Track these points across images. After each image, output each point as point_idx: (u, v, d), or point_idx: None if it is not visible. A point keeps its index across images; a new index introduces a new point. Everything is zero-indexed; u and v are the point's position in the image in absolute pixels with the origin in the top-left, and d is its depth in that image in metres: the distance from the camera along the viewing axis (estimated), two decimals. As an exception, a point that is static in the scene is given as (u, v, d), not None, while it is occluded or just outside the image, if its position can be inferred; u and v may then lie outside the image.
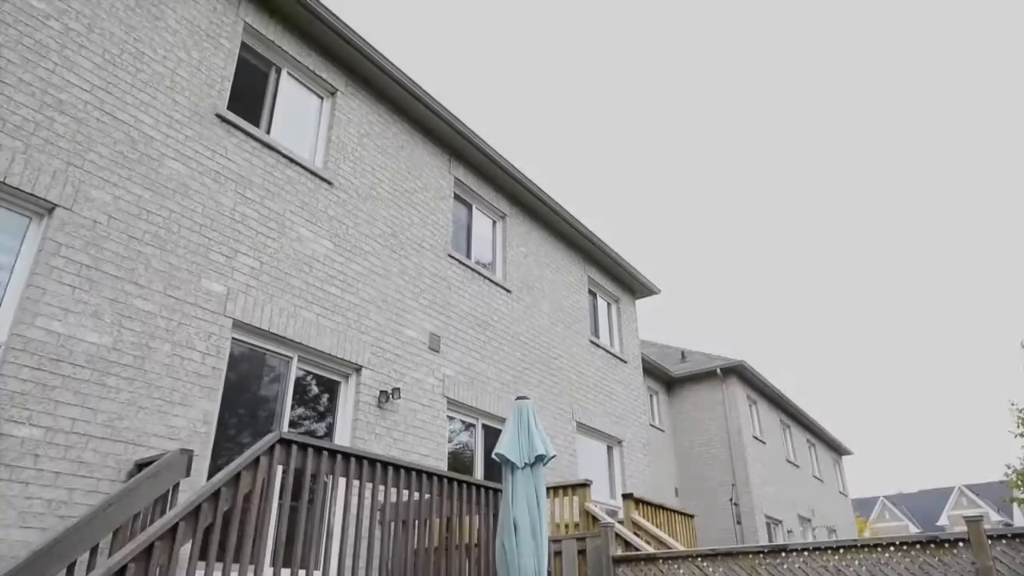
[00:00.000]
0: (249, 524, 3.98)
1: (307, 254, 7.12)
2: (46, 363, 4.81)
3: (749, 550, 4.94)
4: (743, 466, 19.35)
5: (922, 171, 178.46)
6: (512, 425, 5.00)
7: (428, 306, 8.56)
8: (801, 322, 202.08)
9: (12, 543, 4.34)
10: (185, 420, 5.54)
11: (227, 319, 6.11)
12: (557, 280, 11.75)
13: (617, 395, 12.50)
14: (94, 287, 5.22)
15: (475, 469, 8.77)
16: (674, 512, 9.89)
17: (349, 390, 7.28)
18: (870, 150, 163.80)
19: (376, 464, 4.78)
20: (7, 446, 4.48)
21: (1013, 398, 32.02)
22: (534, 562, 4.61)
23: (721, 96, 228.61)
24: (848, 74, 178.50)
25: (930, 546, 4.29)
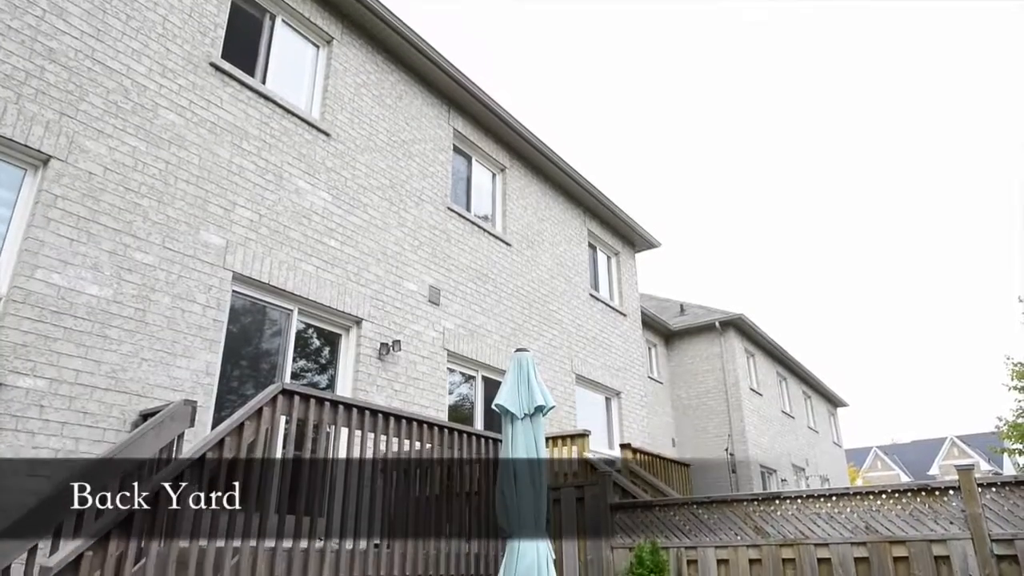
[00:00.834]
0: (254, 472, 4.05)
1: (305, 206, 7.07)
2: (47, 315, 4.82)
3: (743, 498, 5.04)
4: (739, 418, 19.63)
5: (923, 126, 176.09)
6: (512, 377, 5.05)
7: (428, 259, 8.54)
8: (800, 276, 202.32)
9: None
10: (188, 372, 5.59)
11: (227, 272, 6.10)
12: (557, 233, 11.71)
13: (616, 348, 12.59)
14: (92, 239, 5.20)
15: (475, 420, 8.89)
16: (670, 461, 10.08)
17: (350, 342, 7.33)
18: (870, 108, 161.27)
19: (377, 414, 4.84)
20: (12, 397, 4.53)
21: (1009, 352, 32.29)
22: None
23: (723, 48, 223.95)
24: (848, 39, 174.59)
25: (921, 494, 4.38)
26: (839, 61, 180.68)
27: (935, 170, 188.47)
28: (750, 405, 20.30)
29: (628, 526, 5.48)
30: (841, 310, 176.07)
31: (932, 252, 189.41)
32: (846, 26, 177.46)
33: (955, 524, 4.18)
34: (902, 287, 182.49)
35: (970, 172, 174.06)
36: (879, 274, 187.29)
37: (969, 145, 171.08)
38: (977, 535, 4.07)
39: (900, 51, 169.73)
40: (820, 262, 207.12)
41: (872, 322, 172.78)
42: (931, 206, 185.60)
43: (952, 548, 4.13)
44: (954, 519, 4.21)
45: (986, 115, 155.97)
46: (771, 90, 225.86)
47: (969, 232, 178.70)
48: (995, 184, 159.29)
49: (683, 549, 5.13)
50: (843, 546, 4.48)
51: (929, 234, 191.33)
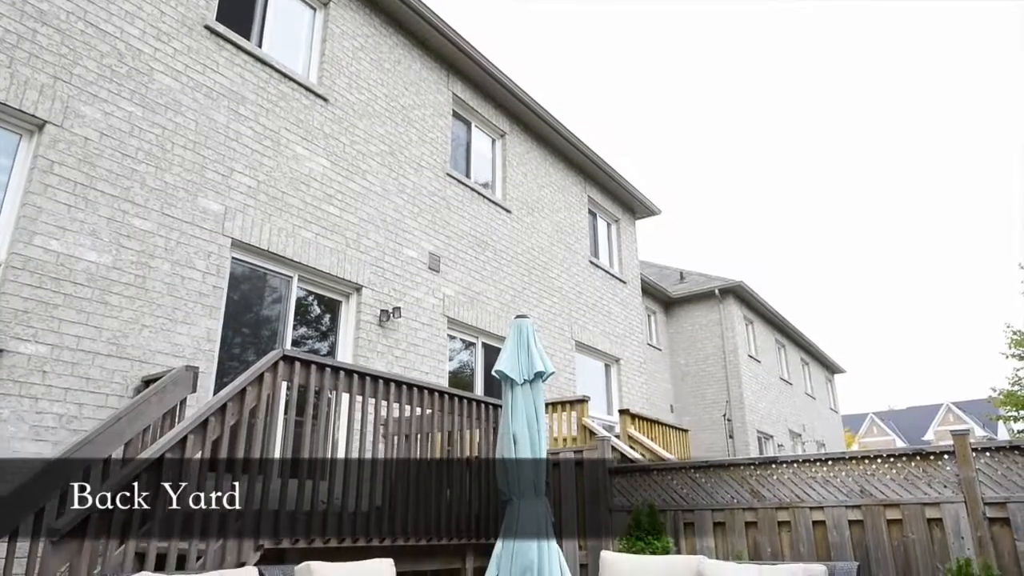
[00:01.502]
0: (256, 437, 4.10)
1: (304, 173, 7.02)
2: (47, 281, 4.82)
3: (740, 462, 5.11)
4: (737, 384, 19.77)
5: (923, 94, 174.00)
6: (512, 343, 5.07)
7: (427, 226, 8.52)
8: (799, 243, 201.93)
9: (26, 455, 4.48)
10: (189, 338, 5.61)
11: (226, 238, 6.09)
12: (557, 200, 11.65)
13: (616, 315, 12.63)
14: (90, 205, 5.17)
15: (475, 386, 8.96)
16: (669, 427, 10.18)
17: (350, 309, 7.34)
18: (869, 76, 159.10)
19: (378, 380, 4.87)
20: (15, 363, 4.56)
21: (1009, 320, 32.39)
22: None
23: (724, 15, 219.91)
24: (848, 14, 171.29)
25: (916, 458, 4.43)
26: (838, 33, 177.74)
27: (935, 136, 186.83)
28: (748, 372, 20.44)
29: (626, 490, 5.55)
30: (840, 277, 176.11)
31: (931, 218, 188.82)
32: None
33: (948, 488, 4.24)
34: (901, 254, 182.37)
35: (970, 138, 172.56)
36: (878, 241, 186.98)
37: (970, 111, 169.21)
38: (970, 498, 4.13)
39: (898, 23, 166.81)
40: (820, 229, 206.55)
41: (871, 289, 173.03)
42: (931, 172, 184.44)
43: (945, 511, 4.19)
44: (948, 483, 4.26)
45: (986, 83, 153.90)
46: (771, 57, 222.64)
47: (969, 198, 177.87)
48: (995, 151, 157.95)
49: (680, 512, 5.21)
50: (838, 509, 4.55)
51: (929, 200, 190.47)
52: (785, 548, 4.72)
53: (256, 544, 3.87)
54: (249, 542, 3.83)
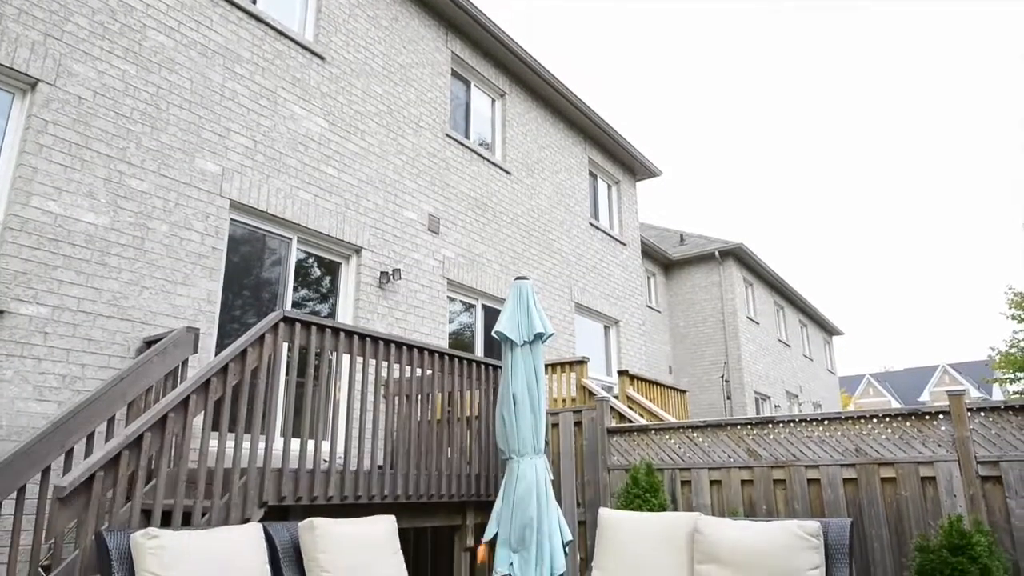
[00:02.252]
0: (258, 397, 4.14)
1: (301, 133, 6.95)
2: (45, 243, 4.81)
3: (737, 422, 5.16)
4: (736, 346, 19.89)
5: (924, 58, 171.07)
6: (511, 304, 5.08)
7: (427, 187, 8.46)
8: (800, 205, 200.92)
9: (31, 415, 4.53)
10: (189, 299, 5.62)
11: (224, 200, 6.05)
12: (557, 161, 11.55)
13: (615, 277, 12.63)
14: (86, 166, 5.13)
15: (475, 348, 9.01)
16: (667, 388, 10.27)
17: (350, 271, 7.34)
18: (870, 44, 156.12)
19: (379, 341, 4.89)
20: (16, 324, 4.57)
21: (1010, 282, 32.44)
22: (532, 433, 4.83)
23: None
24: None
25: (911, 418, 4.48)
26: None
27: (937, 97, 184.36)
28: (747, 334, 20.54)
29: (625, 449, 5.63)
30: (841, 239, 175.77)
31: (932, 179, 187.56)
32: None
33: (943, 447, 4.30)
34: (902, 215, 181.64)
35: (971, 99, 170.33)
36: (879, 202, 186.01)
37: (970, 73, 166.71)
38: (964, 457, 4.19)
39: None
40: (820, 191, 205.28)
41: (871, 250, 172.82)
42: (933, 133, 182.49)
43: (938, 469, 4.25)
44: (942, 442, 4.32)
45: (987, 46, 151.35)
46: (773, 17, 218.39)
47: (970, 160, 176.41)
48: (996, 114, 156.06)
49: (677, 470, 5.29)
50: (833, 467, 4.62)
51: (930, 161, 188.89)
52: (780, 505, 4.80)
53: (260, 501, 3.93)
54: (253, 499, 3.89)
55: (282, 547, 3.73)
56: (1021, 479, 3.98)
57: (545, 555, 4.56)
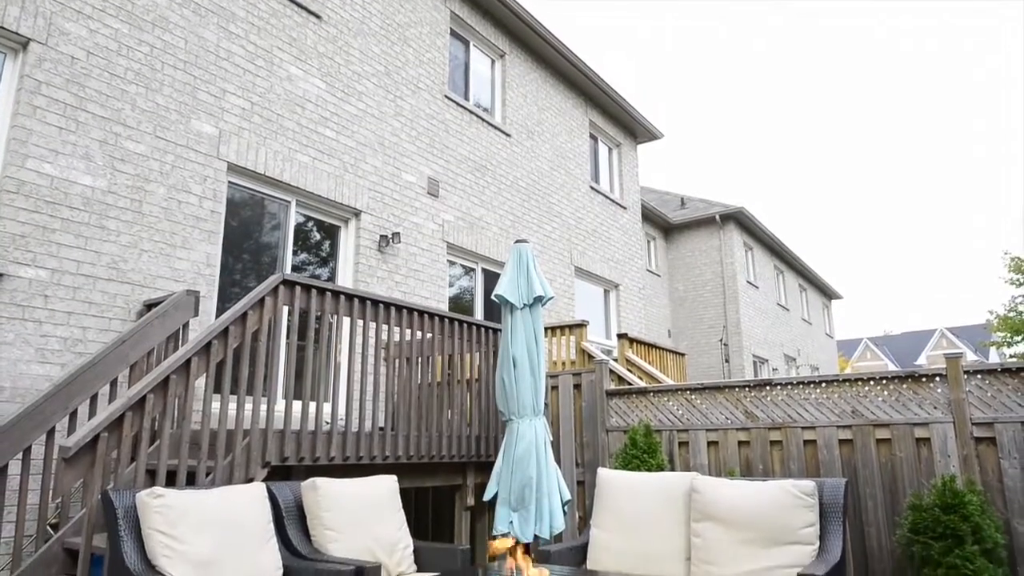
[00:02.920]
0: (259, 360, 4.16)
1: (298, 94, 6.86)
2: (42, 206, 4.78)
3: (735, 384, 5.20)
4: (735, 310, 19.95)
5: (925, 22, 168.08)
6: (511, 268, 5.07)
7: (426, 150, 8.38)
8: (801, 168, 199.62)
9: (34, 377, 4.56)
10: (188, 263, 5.61)
11: (221, 162, 6.00)
12: (558, 124, 11.42)
13: (615, 241, 12.60)
14: (81, 128, 5.07)
15: (475, 311, 9.03)
16: (666, 351, 10.33)
17: (349, 235, 7.32)
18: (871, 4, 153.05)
19: (379, 304, 4.90)
20: (16, 287, 4.57)
21: (1008, 247, 32.37)
22: (532, 395, 4.87)
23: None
24: None
25: (908, 380, 4.51)
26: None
27: (938, 63, 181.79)
28: (746, 298, 20.58)
29: (623, 411, 5.68)
30: (842, 203, 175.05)
31: (933, 143, 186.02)
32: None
33: (938, 409, 4.34)
34: (904, 180, 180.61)
35: (971, 65, 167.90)
36: (881, 167, 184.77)
37: (971, 38, 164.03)
38: (959, 418, 4.23)
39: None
40: (822, 155, 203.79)
41: (872, 215, 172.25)
42: (934, 99, 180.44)
43: (933, 431, 4.30)
44: (938, 404, 4.36)
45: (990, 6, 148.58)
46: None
47: (971, 123, 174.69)
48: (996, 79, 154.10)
49: (675, 432, 5.35)
50: (829, 429, 4.67)
51: (931, 125, 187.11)
52: (776, 465, 4.87)
53: (263, 462, 3.99)
54: (256, 460, 3.94)
55: (285, 506, 3.80)
56: (1014, 440, 4.03)
57: (544, 514, 4.64)
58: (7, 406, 4.36)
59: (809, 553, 3.56)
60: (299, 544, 3.68)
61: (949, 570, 3.59)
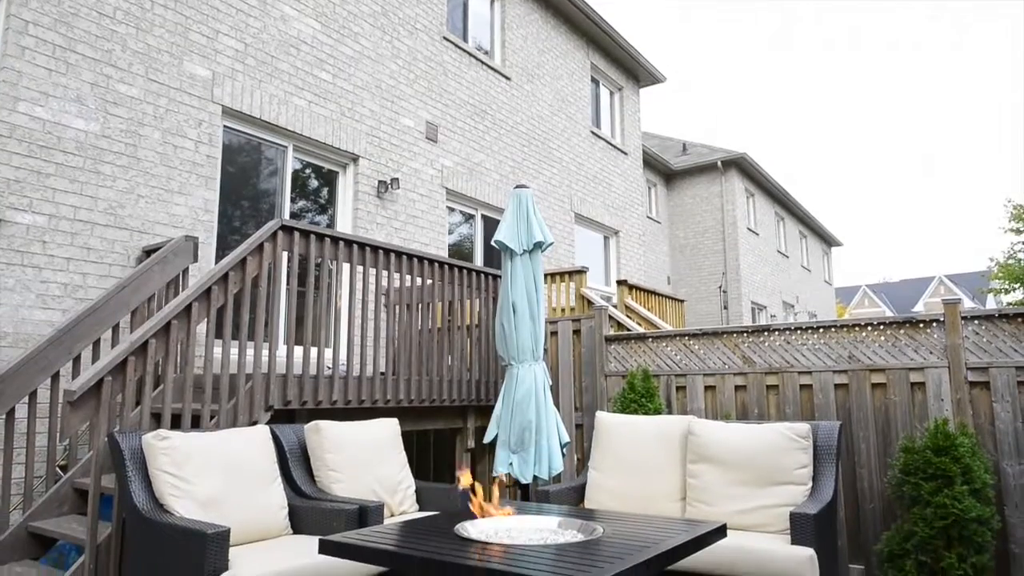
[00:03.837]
0: (260, 306, 4.18)
1: (293, 35, 6.69)
2: (36, 150, 4.72)
3: (733, 330, 5.23)
4: (735, 257, 19.94)
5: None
6: (511, 213, 5.05)
7: (424, 93, 8.23)
8: (806, 115, 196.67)
9: (36, 323, 4.58)
10: (186, 208, 5.57)
11: (216, 106, 5.89)
12: (559, 67, 11.18)
13: (616, 187, 12.50)
14: (71, 70, 4.96)
15: (475, 258, 9.03)
16: (665, 297, 10.37)
17: (347, 180, 7.25)
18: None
19: (378, 250, 4.89)
20: (14, 232, 4.55)
21: (1010, 194, 32.13)
22: (531, 341, 4.91)
23: None
24: None
25: (905, 326, 4.54)
26: None
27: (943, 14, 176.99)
28: (746, 245, 20.55)
29: (622, 357, 5.74)
30: (845, 150, 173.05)
31: (936, 91, 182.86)
32: None
33: (934, 354, 4.38)
34: (907, 128, 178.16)
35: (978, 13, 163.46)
36: (884, 114, 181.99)
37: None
38: (954, 363, 4.27)
39: None
40: (826, 101, 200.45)
41: (875, 162, 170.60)
42: (938, 47, 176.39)
43: (928, 375, 4.35)
44: (934, 349, 4.39)
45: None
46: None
47: (974, 71, 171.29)
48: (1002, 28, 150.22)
49: (673, 376, 5.41)
50: (825, 374, 4.72)
51: (934, 73, 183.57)
52: (772, 409, 4.94)
53: (266, 405, 4.04)
54: (259, 403, 4.00)
55: (289, 448, 3.87)
56: (1008, 384, 4.08)
57: (543, 456, 4.73)
58: (10, 351, 4.40)
59: (802, 493, 3.64)
60: (303, 484, 3.77)
61: (937, 509, 3.68)
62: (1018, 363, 4.07)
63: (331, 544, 2.37)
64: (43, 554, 3.76)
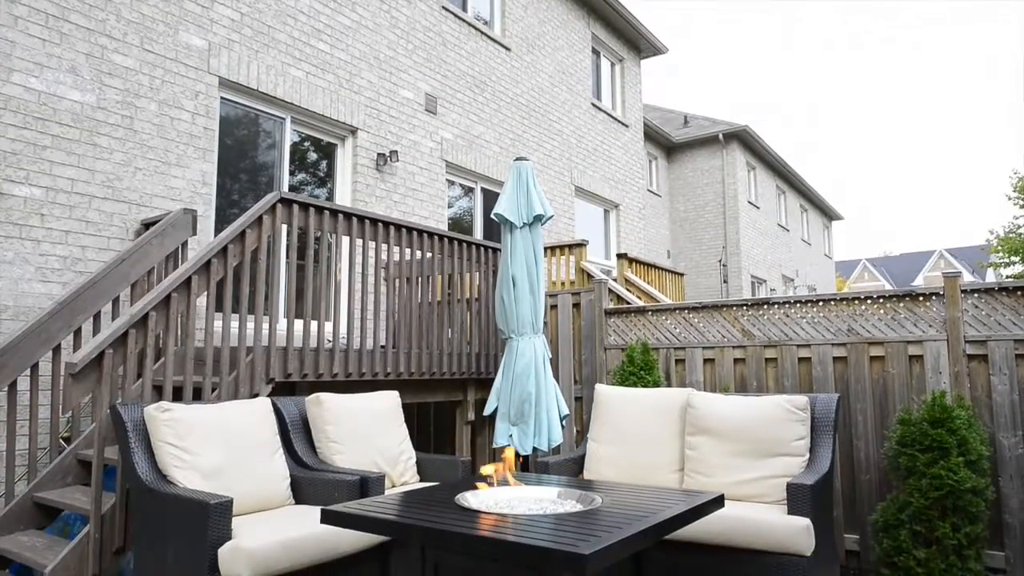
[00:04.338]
0: (260, 279, 4.17)
1: (290, 4, 6.59)
2: (32, 122, 4.68)
3: (732, 303, 5.24)
4: (735, 230, 19.89)
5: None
6: (511, 186, 5.02)
7: (423, 64, 8.13)
8: (808, 88, 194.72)
9: (36, 296, 4.59)
10: (184, 181, 5.54)
11: (212, 77, 5.83)
12: (559, 37, 11.04)
13: (617, 160, 12.42)
14: (65, 40, 4.90)
15: (475, 231, 9.00)
16: (665, 271, 10.36)
17: (346, 153, 7.20)
18: None
19: (378, 224, 4.87)
20: (11, 205, 4.53)
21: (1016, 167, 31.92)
22: (531, 314, 4.92)
23: None
24: None
25: (905, 299, 4.54)
26: None
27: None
28: (747, 218, 20.49)
29: (621, 330, 5.75)
30: (848, 124, 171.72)
31: (939, 64, 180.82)
32: None
33: (933, 327, 4.38)
34: (910, 101, 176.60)
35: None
36: (887, 87, 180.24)
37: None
38: (953, 336, 4.28)
39: None
40: (828, 74, 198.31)
41: (877, 136, 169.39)
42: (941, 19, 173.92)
43: (927, 348, 4.36)
44: (933, 323, 4.40)
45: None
46: None
47: (977, 42, 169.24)
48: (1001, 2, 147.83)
49: (672, 349, 5.43)
50: (824, 347, 4.74)
51: (937, 44, 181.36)
52: (770, 382, 4.96)
53: (267, 378, 4.06)
54: (260, 376, 4.02)
55: (291, 420, 3.89)
56: (1006, 357, 4.10)
57: (543, 428, 4.77)
58: (11, 324, 4.40)
59: (799, 464, 3.68)
60: (305, 456, 3.80)
61: (933, 480, 3.72)
62: (1017, 336, 4.08)
63: (333, 514, 2.39)
64: (48, 524, 3.81)
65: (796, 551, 3.12)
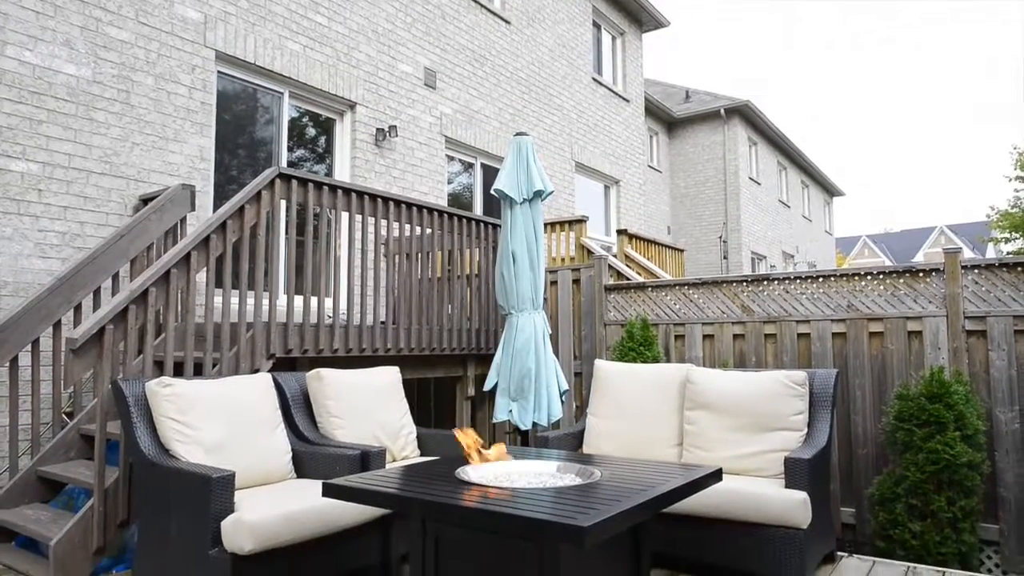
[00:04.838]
0: (259, 255, 4.16)
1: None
2: (27, 96, 4.64)
3: (732, 279, 5.24)
4: (736, 207, 19.82)
5: None
6: (511, 161, 4.99)
7: (422, 38, 8.04)
8: (810, 63, 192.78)
9: (36, 272, 4.58)
10: (182, 156, 5.51)
11: (209, 50, 5.76)
12: (559, 10, 10.90)
13: (617, 135, 12.33)
14: (59, 12, 4.84)
15: (475, 207, 8.97)
16: (665, 247, 10.35)
17: (345, 128, 7.14)
18: None
19: (377, 199, 4.85)
20: (8, 180, 4.51)
21: (1016, 143, 31.73)
22: (531, 289, 4.92)
23: None
24: None
25: (905, 275, 4.54)
26: None
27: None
28: (748, 194, 20.41)
29: (621, 306, 5.76)
30: (849, 99, 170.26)
31: (940, 39, 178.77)
32: None
33: (933, 303, 4.39)
34: (913, 76, 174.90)
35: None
36: (890, 63, 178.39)
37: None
38: (952, 312, 4.29)
39: None
40: (830, 49, 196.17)
41: (880, 112, 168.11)
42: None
43: (926, 324, 4.37)
44: (933, 299, 4.40)
45: None
46: None
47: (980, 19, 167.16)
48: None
49: (672, 325, 5.44)
50: (823, 322, 4.75)
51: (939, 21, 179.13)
52: (769, 357, 4.98)
53: (268, 353, 4.07)
54: (261, 351, 4.03)
55: (292, 395, 3.91)
56: (1004, 332, 4.11)
57: (543, 403, 4.80)
58: (11, 299, 4.41)
59: (797, 439, 3.70)
60: (306, 431, 3.83)
61: (929, 454, 3.75)
62: (1016, 312, 4.09)
63: (334, 487, 2.41)
64: (53, 497, 3.85)
65: (793, 524, 3.16)
